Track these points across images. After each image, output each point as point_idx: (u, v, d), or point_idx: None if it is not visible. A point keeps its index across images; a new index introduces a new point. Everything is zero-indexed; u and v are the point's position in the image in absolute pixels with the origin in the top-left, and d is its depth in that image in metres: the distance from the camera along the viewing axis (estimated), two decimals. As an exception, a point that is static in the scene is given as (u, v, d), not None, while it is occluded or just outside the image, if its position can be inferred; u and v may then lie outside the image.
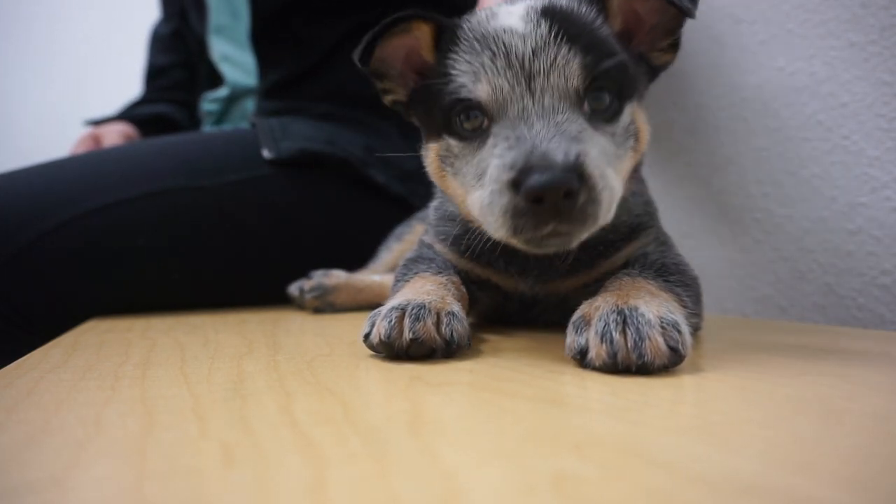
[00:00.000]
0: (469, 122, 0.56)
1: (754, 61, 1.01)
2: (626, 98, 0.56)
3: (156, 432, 0.35)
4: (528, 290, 0.66)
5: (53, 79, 3.01)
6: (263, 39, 1.20)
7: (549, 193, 0.47)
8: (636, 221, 0.64)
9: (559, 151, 0.47)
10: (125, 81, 2.78)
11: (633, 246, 0.64)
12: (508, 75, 0.53)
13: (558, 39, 0.53)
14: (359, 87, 1.17)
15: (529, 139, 0.49)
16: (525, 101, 0.52)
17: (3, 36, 3.05)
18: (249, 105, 1.32)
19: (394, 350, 0.52)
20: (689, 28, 1.10)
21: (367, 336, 0.54)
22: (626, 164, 0.57)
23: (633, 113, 0.57)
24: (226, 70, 1.33)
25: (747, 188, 1.03)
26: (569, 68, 0.52)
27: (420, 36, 0.61)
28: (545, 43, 0.53)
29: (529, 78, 0.52)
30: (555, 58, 0.52)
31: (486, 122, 0.55)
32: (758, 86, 1.00)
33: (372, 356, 0.55)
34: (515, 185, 0.48)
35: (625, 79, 0.56)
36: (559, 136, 0.49)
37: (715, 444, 0.32)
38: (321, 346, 0.62)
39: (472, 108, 0.55)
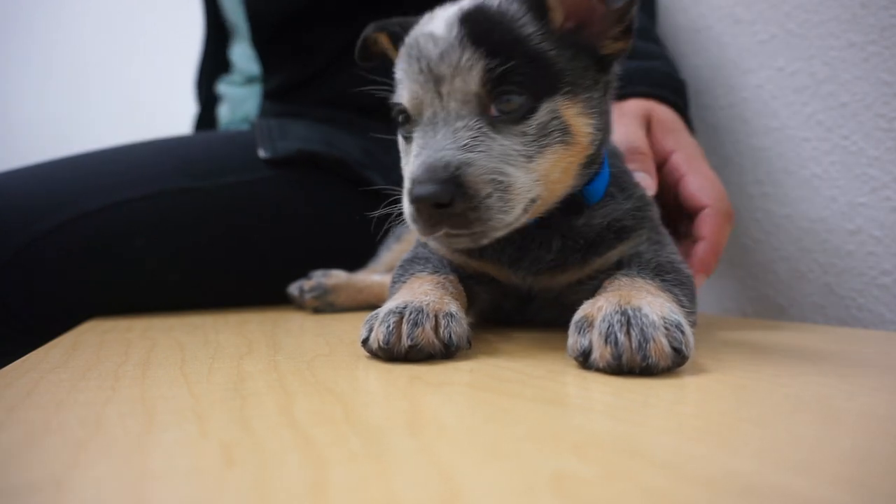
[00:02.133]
0: (405, 125, 0.61)
1: (754, 61, 1.01)
2: (545, 95, 0.56)
3: (156, 432, 0.35)
4: (521, 282, 0.65)
5: (52, 79, 3.01)
6: (265, 46, 1.20)
7: (421, 204, 0.53)
8: (619, 225, 0.63)
9: (441, 164, 0.52)
10: (124, 82, 2.79)
11: (624, 245, 0.63)
12: (421, 80, 0.56)
13: (464, 43, 0.54)
14: (360, 93, 1.18)
15: (427, 150, 0.54)
16: (435, 105, 0.56)
17: (1, 36, 3.05)
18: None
19: (392, 355, 0.52)
20: (689, 28, 1.10)
21: (365, 341, 0.54)
22: (549, 161, 0.56)
23: (555, 109, 0.56)
24: (239, 63, 1.35)
25: (747, 188, 1.03)
26: (470, 73, 0.54)
27: (386, 45, 0.66)
28: (451, 47, 0.55)
29: (437, 82, 0.55)
30: (458, 62, 0.54)
31: (412, 125, 0.59)
32: (758, 86, 1.00)
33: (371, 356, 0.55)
34: (409, 193, 0.54)
35: (539, 77, 0.55)
36: (448, 147, 0.54)
37: (715, 444, 0.32)
38: (321, 346, 0.62)
39: (403, 111, 0.60)
